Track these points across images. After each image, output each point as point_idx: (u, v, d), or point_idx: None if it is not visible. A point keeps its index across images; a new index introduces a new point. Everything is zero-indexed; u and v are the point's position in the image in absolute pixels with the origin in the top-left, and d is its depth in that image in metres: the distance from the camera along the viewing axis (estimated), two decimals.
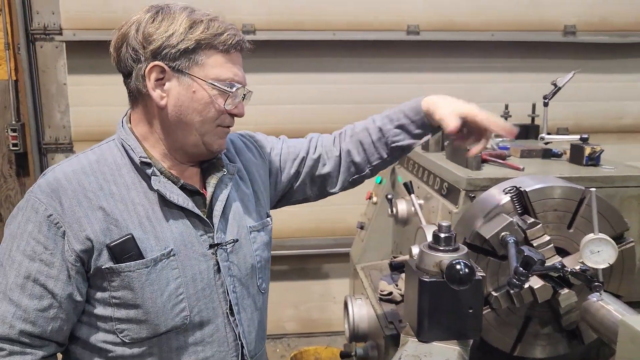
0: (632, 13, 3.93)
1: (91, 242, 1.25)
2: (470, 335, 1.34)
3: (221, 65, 1.31)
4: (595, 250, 1.33)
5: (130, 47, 1.29)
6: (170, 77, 1.29)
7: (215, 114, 1.33)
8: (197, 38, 1.27)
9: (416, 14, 3.79)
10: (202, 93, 1.30)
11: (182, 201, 1.33)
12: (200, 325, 1.35)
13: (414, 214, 2.03)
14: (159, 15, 1.30)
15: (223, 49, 1.30)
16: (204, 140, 1.34)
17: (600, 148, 1.89)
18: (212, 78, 1.30)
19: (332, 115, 3.85)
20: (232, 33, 1.31)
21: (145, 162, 1.32)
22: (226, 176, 1.44)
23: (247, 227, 1.47)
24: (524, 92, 3.64)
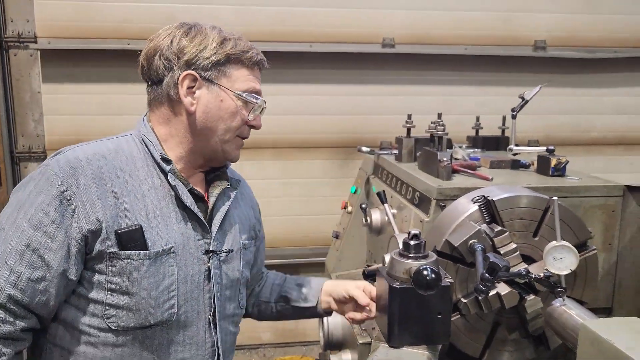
0: (600, 29, 4.07)
1: (100, 224, 1.30)
2: (439, 341, 1.37)
3: (246, 79, 1.45)
4: (558, 257, 1.38)
5: (163, 57, 1.40)
6: (201, 85, 1.41)
7: (237, 123, 1.45)
8: (228, 52, 1.41)
9: (392, 27, 3.87)
10: (229, 102, 1.43)
11: (190, 203, 1.41)
12: (184, 325, 1.41)
13: (388, 223, 2.07)
14: (192, 31, 1.42)
15: (249, 64, 1.45)
16: (224, 147, 1.46)
17: (566, 159, 1.95)
18: (238, 89, 1.43)
19: (309, 126, 3.89)
20: (255, 52, 1.46)
21: (166, 158, 1.41)
22: (229, 189, 1.53)
23: (240, 242, 1.55)
24: (496, 105, 3.73)
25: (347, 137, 3.91)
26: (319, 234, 3.89)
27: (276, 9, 3.72)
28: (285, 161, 3.90)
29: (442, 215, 1.70)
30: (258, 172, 3.88)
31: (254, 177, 3.87)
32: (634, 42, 4.09)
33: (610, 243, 1.87)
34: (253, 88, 1.46)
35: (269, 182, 3.90)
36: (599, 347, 1.10)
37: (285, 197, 3.93)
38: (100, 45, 3.54)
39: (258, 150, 3.84)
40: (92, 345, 1.34)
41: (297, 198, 3.94)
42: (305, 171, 3.94)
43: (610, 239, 1.86)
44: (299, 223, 3.96)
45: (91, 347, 1.34)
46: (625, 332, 1.10)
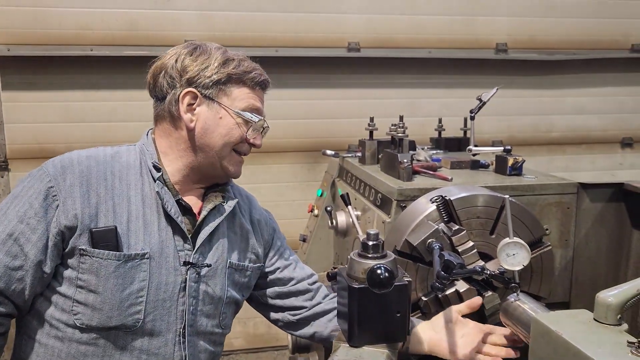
0: (558, 32, 4.19)
1: (76, 221, 1.34)
2: (398, 339, 1.39)
3: (247, 98, 1.49)
4: (511, 253, 1.42)
5: (167, 75, 1.47)
6: (201, 102, 1.46)
7: (236, 140, 1.49)
8: (229, 72, 1.46)
9: (356, 31, 3.91)
10: (228, 119, 1.47)
11: (174, 212, 1.43)
12: (151, 334, 1.40)
13: (353, 225, 2.09)
14: (197, 50, 1.48)
15: (250, 84, 1.50)
16: (222, 164, 1.50)
17: (522, 159, 2.00)
18: (238, 108, 1.48)
19: (276, 130, 3.87)
20: (258, 73, 1.52)
21: (157, 166, 1.45)
22: (225, 206, 1.54)
23: (227, 261, 1.53)
24: (460, 107, 3.79)
25: (314, 141, 3.93)
26: (288, 238, 3.87)
27: (241, 14, 3.73)
28: (253, 166, 3.90)
29: (402, 215, 1.73)
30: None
31: None
32: (590, 44, 4.23)
33: (566, 239, 1.92)
34: (253, 106, 1.50)
35: None
36: (549, 339, 1.13)
37: None
38: (61, 51, 3.49)
39: None
40: (59, 340, 1.38)
41: (265, 202, 3.92)
42: (273, 175, 3.95)
43: (567, 235, 1.92)
44: None
45: (58, 341, 1.38)
46: (573, 323, 1.13)
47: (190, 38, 3.63)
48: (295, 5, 3.79)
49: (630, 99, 4.41)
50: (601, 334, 1.07)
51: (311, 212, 2.79)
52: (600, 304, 1.10)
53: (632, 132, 4.46)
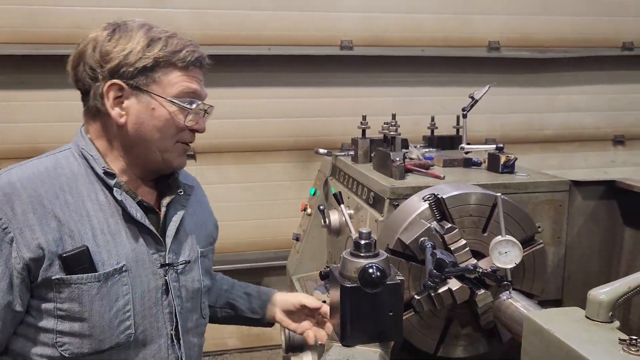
0: (550, 30, 4.20)
1: (42, 251, 1.21)
2: (391, 338, 1.39)
3: (180, 82, 1.33)
4: (503, 251, 1.42)
5: (87, 66, 1.31)
6: (128, 95, 1.31)
7: (175, 131, 1.35)
8: (155, 56, 1.29)
9: (349, 30, 3.91)
10: (162, 110, 1.32)
11: (140, 217, 1.33)
12: (143, 344, 1.34)
13: (346, 224, 2.08)
14: (116, 33, 1.31)
15: (182, 65, 1.32)
16: (164, 157, 1.37)
17: (514, 156, 2.00)
18: (171, 95, 1.32)
19: (270, 129, 3.89)
20: (190, 49, 1.33)
21: (109, 172, 1.32)
22: (182, 197, 1.45)
23: (197, 251, 1.49)
24: (453, 105, 3.79)
25: (307, 140, 3.93)
26: (282, 237, 3.89)
27: (234, 13, 3.72)
28: (246, 165, 3.89)
29: (395, 214, 1.73)
30: (219, 177, 3.86)
31: (215, 182, 3.86)
32: (582, 43, 4.25)
33: (558, 237, 1.93)
34: (188, 89, 1.34)
35: (230, 186, 3.88)
36: (541, 337, 1.13)
37: (247, 202, 3.93)
38: (54, 50, 3.47)
39: (218, 155, 3.82)
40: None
41: (259, 202, 3.94)
42: (266, 175, 3.94)
43: (559, 233, 1.92)
44: (262, 227, 3.95)
45: None
46: (565, 321, 1.13)
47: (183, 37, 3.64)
48: (289, 4, 3.78)
49: (622, 96, 4.43)
50: (593, 332, 1.07)
51: (304, 211, 2.78)
52: (592, 301, 1.10)
53: (624, 130, 4.48)
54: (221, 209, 3.82)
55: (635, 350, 0.98)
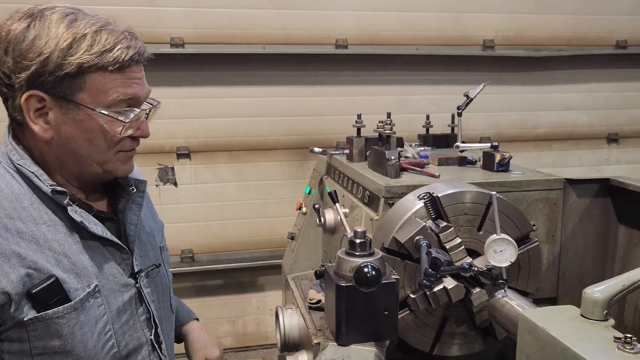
0: (545, 29, 4.21)
1: (8, 296, 1.07)
2: (386, 337, 1.39)
3: (113, 89, 1.13)
4: (498, 249, 1.42)
5: (0, 72, 1.11)
6: (51, 106, 1.12)
7: (111, 143, 1.18)
8: (80, 61, 1.09)
9: (344, 28, 3.90)
10: (92, 122, 1.14)
11: (101, 231, 1.21)
12: (127, 356, 1.28)
13: (341, 223, 2.08)
14: (32, 29, 1.09)
15: (114, 68, 1.12)
16: (105, 168, 1.22)
17: (509, 155, 2.01)
18: (103, 104, 1.13)
19: (264, 128, 3.88)
20: (123, 47, 1.13)
21: (59, 190, 1.16)
22: (136, 194, 1.32)
23: (158, 247, 1.43)
24: (448, 103, 3.79)
25: (302, 139, 3.92)
26: (277, 236, 3.89)
27: (228, 11, 3.70)
28: (241, 164, 3.88)
29: (390, 212, 1.72)
30: (213, 176, 3.85)
31: (209, 181, 3.85)
32: (576, 41, 4.25)
33: (553, 235, 1.93)
34: (123, 96, 1.15)
35: (225, 185, 3.87)
36: (536, 335, 1.13)
37: (241, 201, 3.91)
38: None
39: (212, 154, 3.81)
40: None
41: (253, 201, 3.93)
42: (261, 174, 3.93)
43: (554, 231, 1.93)
44: (256, 226, 3.94)
45: None
46: (561, 319, 1.13)
47: (175, 35, 3.62)
48: (283, 2, 3.77)
49: (615, 94, 4.44)
50: (588, 330, 1.07)
51: (299, 209, 2.78)
52: (587, 299, 1.11)
53: (618, 128, 4.49)
54: (215, 208, 3.86)
55: (630, 348, 0.98)
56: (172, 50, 3.59)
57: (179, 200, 3.80)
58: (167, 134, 3.71)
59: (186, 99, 3.72)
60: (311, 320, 2.04)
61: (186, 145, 3.76)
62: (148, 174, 3.66)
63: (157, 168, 3.75)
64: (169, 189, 3.78)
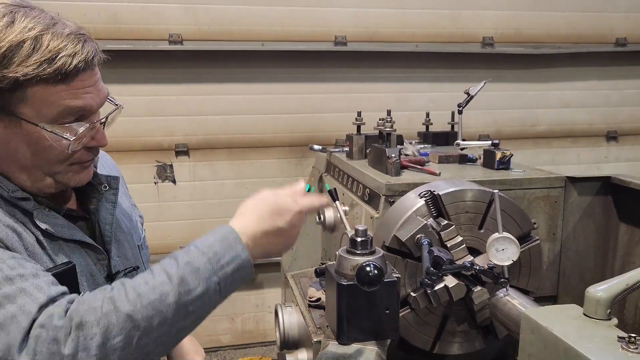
0: (544, 26, 4.19)
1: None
2: (387, 335, 1.38)
3: (57, 101, 1.02)
4: (500, 248, 1.42)
5: None
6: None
7: (63, 157, 1.09)
8: (15, 75, 0.97)
9: (343, 25, 3.88)
10: (36, 137, 1.04)
11: (71, 234, 1.15)
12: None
13: (340, 221, 2.07)
14: None
15: (57, 80, 1.01)
16: (57, 179, 1.13)
17: (510, 152, 2.00)
18: (48, 118, 1.03)
19: (263, 125, 3.86)
20: (67, 54, 1.01)
21: (21, 197, 1.09)
22: (108, 192, 1.25)
23: (136, 246, 1.37)
24: (447, 101, 3.79)
25: (301, 136, 3.91)
26: None
27: (226, 8, 3.68)
28: (240, 161, 3.86)
29: (391, 210, 1.72)
30: (212, 174, 3.83)
31: (208, 178, 3.83)
32: (576, 38, 4.24)
33: (554, 233, 1.93)
34: (70, 110, 1.04)
35: (224, 182, 3.86)
36: (539, 335, 1.13)
37: (240, 198, 3.86)
38: None
39: (211, 151, 3.79)
40: None
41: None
42: (260, 171, 3.92)
43: (554, 229, 1.92)
44: None
45: None
46: (563, 318, 1.13)
47: (174, 32, 3.61)
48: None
49: (615, 92, 4.43)
50: (591, 329, 1.07)
51: None
52: (590, 299, 1.10)
53: (617, 126, 4.49)
54: (214, 206, 3.84)
55: (634, 348, 0.97)
56: (171, 47, 3.57)
57: (178, 197, 3.78)
58: (165, 131, 3.69)
59: (185, 96, 3.70)
60: (311, 318, 2.03)
61: (185, 142, 3.74)
62: (146, 172, 3.64)
63: (155, 165, 3.73)
64: (167, 186, 3.76)
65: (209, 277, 1.02)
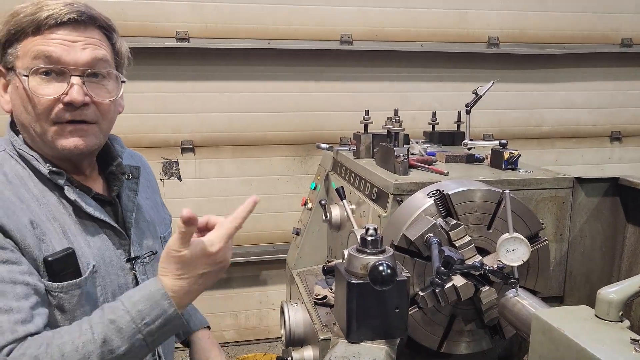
0: (549, 27, 4.19)
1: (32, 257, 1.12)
2: (397, 335, 1.38)
3: (32, 49, 1.16)
4: (510, 248, 1.42)
5: None
6: (11, 77, 1.21)
7: (38, 109, 1.18)
8: (8, 28, 1.17)
9: (349, 24, 3.88)
10: (22, 87, 1.18)
11: (98, 213, 1.24)
12: None
13: (347, 219, 2.08)
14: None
15: (33, 30, 1.16)
16: (45, 140, 1.21)
17: (518, 153, 2.00)
18: (26, 69, 1.17)
19: (269, 123, 3.86)
20: (48, 9, 1.16)
21: (56, 171, 1.21)
22: (131, 181, 1.36)
23: (159, 236, 1.44)
24: (452, 100, 3.80)
25: (306, 134, 3.91)
26: (281, 231, 3.89)
27: (233, 6, 3.68)
28: (245, 159, 3.87)
29: (399, 210, 1.72)
30: (217, 171, 3.84)
31: (213, 175, 3.84)
32: (581, 39, 4.24)
33: (561, 234, 1.93)
34: (37, 56, 1.16)
35: (229, 180, 3.87)
36: (550, 336, 1.13)
37: (245, 195, 3.88)
38: None
39: (216, 149, 3.80)
40: None
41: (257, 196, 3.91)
42: (265, 169, 3.93)
43: (561, 230, 1.93)
44: (260, 221, 3.94)
45: None
46: (575, 320, 1.13)
47: (180, 30, 3.61)
48: None
49: (619, 93, 4.43)
50: (603, 331, 1.07)
51: (304, 205, 2.78)
52: (602, 300, 1.10)
53: (621, 127, 4.49)
54: (219, 203, 3.85)
55: None
56: (178, 44, 3.58)
57: (183, 194, 3.79)
58: (171, 128, 3.70)
59: (191, 93, 3.71)
60: (317, 315, 2.03)
61: (190, 139, 3.74)
62: (152, 168, 3.64)
63: (161, 162, 3.73)
64: (173, 183, 3.77)
65: (132, 335, 1.07)
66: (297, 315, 2.11)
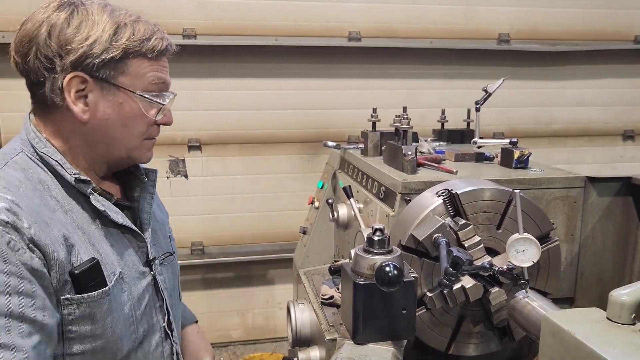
0: (561, 23, 4.14)
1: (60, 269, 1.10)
2: (404, 336, 1.36)
3: (149, 73, 1.22)
4: (521, 249, 1.39)
5: (41, 55, 1.14)
6: (92, 88, 1.18)
7: (144, 127, 1.26)
8: (125, 46, 1.17)
9: (357, 21, 3.85)
10: (131, 105, 1.21)
11: (122, 219, 1.26)
12: (141, 344, 1.31)
13: (354, 218, 2.05)
14: (75, 16, 1.16)
15: (152, 56, 1.22)
16: (132, 154, 1.28)
17: (528, 151, 1.97)
18: (140, 88, 1.22)
19: (276, 121, 3.85)
20: (159, 37, 1.23)
21: (82, 179, 1.20)
22: (148, 183, 1.38)
23: (168, 236, 1.48)
24: (461, 98, 3.76)
25: (314, 132, 3.89)
26: (287, 229, 3.87)
27: (239, 2, 3.67)
28: (252, 157, 3.86)
29: (407, 209, 1.69)
30: (224, 169, 3.83)
31: (220, 173, 3.83)
32: (593, 35, 4.18)
33: (572, 234, 1.89)
34: (157, 81, 1.24)
35: (236, 178, 3.86)
36: (560, 338, 1.11)
37: (252, 194, 3.90)
38: None
39: (223, 147, 3.79)
40: None
41: (264, 194, 3.91)
42: (272, 167, 3.91)
43: (573, 230, 1.89)
44: (267, 219, 3.93)
45: None
46: (586, 322, 1.10)
47: (187, 27, 3.60)
48: None
49: (632, 91, 4.37)
50: (615, 334, 1.04)
51: (311, 204, 2.75)
52: (614, 302, 1.07)
53: (634, 125, 4.43)
54: (226, 201, 3.85)
55: None
56: (184, 41, 3.57)
57: (190, 192, 3.78)
58: (178, 125, 3.65)
59: (197, 90, 3.70)
60: (323, 315, 2.02)
61: (197, 137, 3.74)
62: (159, 166, 3.61)
63: (168, 160, 3.73)
64: (179, 181, 3.76)
65: None
66: (303, 315, 2.09)
